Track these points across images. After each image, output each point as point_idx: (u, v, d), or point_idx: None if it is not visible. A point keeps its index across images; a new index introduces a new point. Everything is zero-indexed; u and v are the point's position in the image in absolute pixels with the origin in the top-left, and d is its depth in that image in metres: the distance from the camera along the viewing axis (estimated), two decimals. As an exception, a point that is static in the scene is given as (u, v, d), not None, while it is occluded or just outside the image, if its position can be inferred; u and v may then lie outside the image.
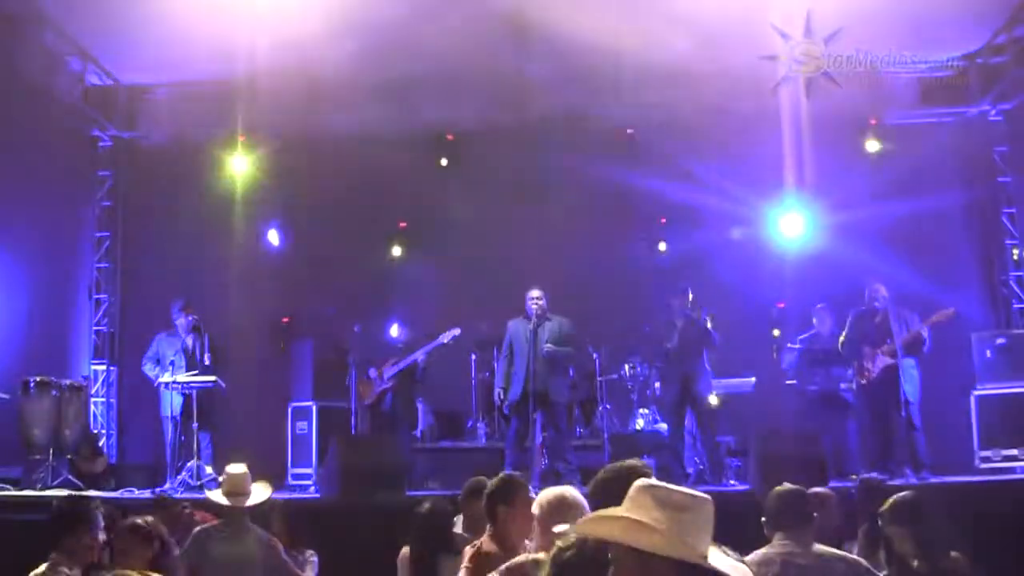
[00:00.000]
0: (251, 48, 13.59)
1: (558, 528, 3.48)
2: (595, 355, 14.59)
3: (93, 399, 15.55)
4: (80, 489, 12.80)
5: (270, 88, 14.67)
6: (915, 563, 5.88)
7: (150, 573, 5.28)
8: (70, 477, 13.06)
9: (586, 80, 14.67)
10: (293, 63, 13.92)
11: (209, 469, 12.98)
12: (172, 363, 13.37)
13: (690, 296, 13.29)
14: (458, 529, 7.38)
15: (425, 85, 14.65)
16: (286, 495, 13.16)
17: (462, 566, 5.68)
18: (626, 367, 14.99)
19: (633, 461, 4.61)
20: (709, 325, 12.99)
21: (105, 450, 15.06)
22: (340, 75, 14.29)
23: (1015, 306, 15.40)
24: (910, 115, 15.54)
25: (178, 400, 13.36)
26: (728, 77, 13.44)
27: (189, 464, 12.91)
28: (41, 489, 12.37)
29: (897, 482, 11.76)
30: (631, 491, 3.07)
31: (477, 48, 13.56)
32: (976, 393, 13.32)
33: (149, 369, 13.74)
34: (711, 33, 13.01)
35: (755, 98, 13.44)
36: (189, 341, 13.52)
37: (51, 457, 12.99)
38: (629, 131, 15.77)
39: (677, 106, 14.62)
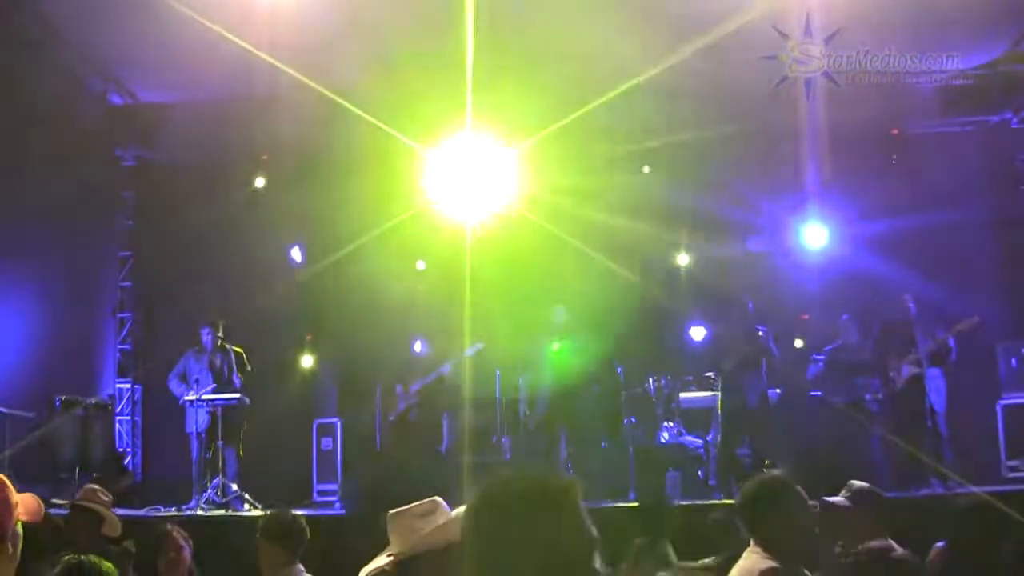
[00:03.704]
0: (271, 67, 13.61)
1: None
2: (619, 369, 14.54)
3: (118, 417, 15.63)
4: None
5: (290, 106, 14.73)
6: None
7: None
8: (96, 495, 13.09)
9: (605, 92, 14.67)
10: (312, 80, 13.97)
11: (235, 486, 12.99)
12: (198, 380, 13.37)
13: (751, 309, 13.29)
14: None
15: (444, 101, 14.66)
16: (311, 511, 13.20)
17: None
18: (650, 380, 14.95)
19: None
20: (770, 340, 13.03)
21: (131, 468, 15.12)
22: (360, 93, 14.34)
23: (1040, 315, 15.32)
24: (932, 125, 15.50)
25: (203, 417, 13.35)
26: (749, 90, 13.44)
27: (215, 481, 12.91)
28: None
29: (924, 493, 11.74)
30: None
31: (498, 64, 13.58)
32: (1002, 403, 13.27)
33: (175, 385, 13.74)
34: (730, 44, 13.00)
35: (777, 109, 13.40)
36: (216, 359, 13.51)
37: (77, 475, 13.03)
38: (651, 144, 15.72)
39: (698, 117, 14.61)
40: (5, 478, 3.78)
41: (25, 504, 3.82)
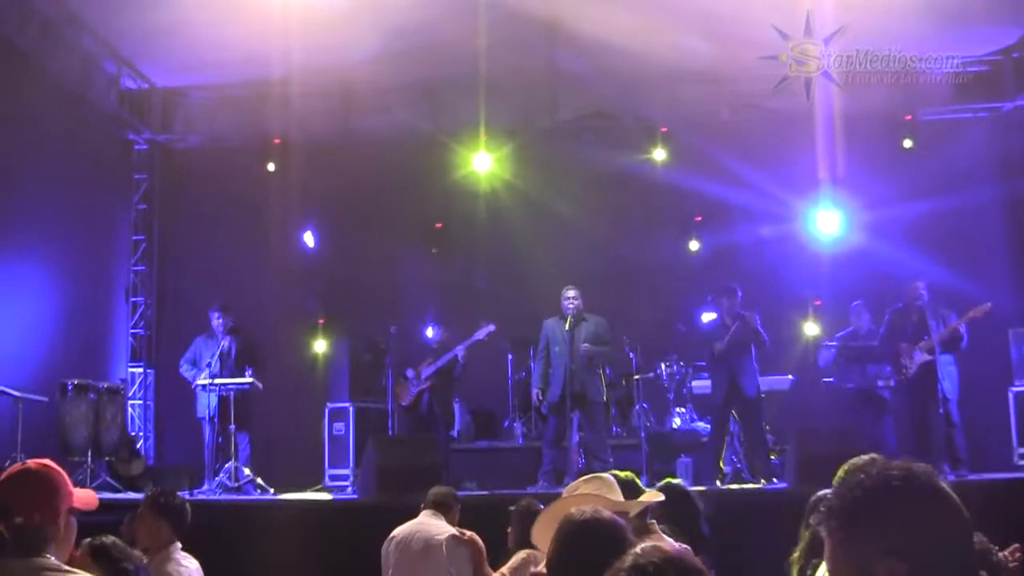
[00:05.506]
0: (284, 51, 13.62)
1: None
2: (631, 354, 14.53)
3: (131, 402, 15.64)
4: (118, 491, 12.89)
5: (304, 90, 14.74)
6: None
7: None
8: (109, 479, 13.15)
9: (618, 79, 14.67)
10: (326, 66, 13.98)
11: (247, 471, 13.02)
12: (209, 365, 13.38)
13: (740, 295, 13.25)
14: None
15: (458, 86, 14.67)
16: (324, 496, 13.21)
17: None
18: (662, 366, 14.93)
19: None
20: (759, 324, 12.97)
21: (143, 452, 15.15)
22: (373, 77, 14.36)
23: (1053, 302, 15.24)
24: (945, 111, 15.43)
25: (215, 401, 13.36)
26: (761, 76, 13.40)
27: (227, 465, 12.93)
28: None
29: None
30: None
31: (509, 49, 13.58)
32: (1014, 390, 13.25)
33: (186, 371, 13.76)
34: (742, 32, 12.98)
35: (790, 96, 13.36)
36: (226, 344, 13.51)
37: (90, 460, 13.08)
38: (663, 129, 15.71)
39: (711, 104, 14.59)
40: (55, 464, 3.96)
41: (82, 495, 4.02)
